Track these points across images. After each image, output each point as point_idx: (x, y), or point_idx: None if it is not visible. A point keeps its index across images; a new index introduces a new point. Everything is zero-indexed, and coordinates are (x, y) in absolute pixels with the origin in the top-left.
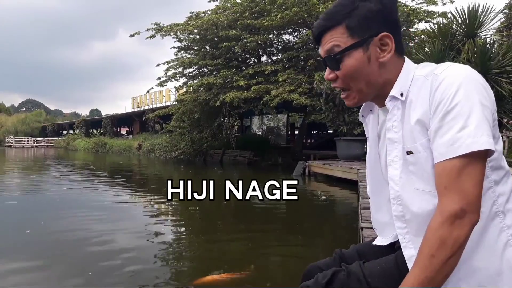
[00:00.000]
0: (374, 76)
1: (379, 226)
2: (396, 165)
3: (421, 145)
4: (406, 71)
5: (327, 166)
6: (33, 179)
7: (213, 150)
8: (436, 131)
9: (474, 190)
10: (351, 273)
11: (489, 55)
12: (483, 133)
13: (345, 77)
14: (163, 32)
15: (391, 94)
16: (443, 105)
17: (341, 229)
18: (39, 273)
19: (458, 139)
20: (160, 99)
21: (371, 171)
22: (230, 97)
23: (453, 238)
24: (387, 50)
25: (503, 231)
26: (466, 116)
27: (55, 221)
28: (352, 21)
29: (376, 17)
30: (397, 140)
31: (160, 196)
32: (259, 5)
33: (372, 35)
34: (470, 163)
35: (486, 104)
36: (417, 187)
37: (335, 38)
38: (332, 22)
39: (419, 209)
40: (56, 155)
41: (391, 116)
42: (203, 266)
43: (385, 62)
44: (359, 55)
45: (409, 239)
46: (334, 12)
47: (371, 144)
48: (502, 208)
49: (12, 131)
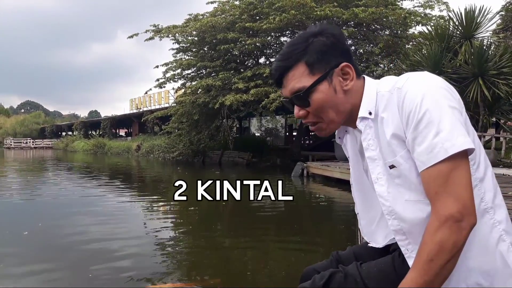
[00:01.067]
0: (342, 104)
1: (370, 236)
2: (382, 181)
3: (402, 157)
4: (368, 90)
5: (325, 167)
6: (32, 181)
7: (212, 151)
8: (413, 141)
9: (466, 192)
10: (348, 275)
11: (486, 56)
12: (458, 134)
13: (316, 111)
14: (161, 34)
15: (360, 115)
16: (412, 115)
17: (339, 230)
18: (34, 275)
19: (435, 145)
20: (159, 101)
21: (357, 188)
22: (229, 100)
23: (451, 242)
24: (349, 79)
25: (494, 227)
26: (437, 122)
27: (53, 222)
28: (310, 57)
29: (331, 50)
30: (377, 157)
31: (157, 197)
32: (257, 8)
33: (333, 67)
34: (454, 166)
35: (453, 105)
36: (407, 198)
37: (297, 77)
38: (290, 62)
39: (414, 219)
40: (55, 156)
41: (365, 136)
42: (200, 267)
43: (349, 89)
44: (325, 88)
45: (412, 249)
46: (290, 51)
47: (353, 163)
48: (491, 204)
49: (11, 132)
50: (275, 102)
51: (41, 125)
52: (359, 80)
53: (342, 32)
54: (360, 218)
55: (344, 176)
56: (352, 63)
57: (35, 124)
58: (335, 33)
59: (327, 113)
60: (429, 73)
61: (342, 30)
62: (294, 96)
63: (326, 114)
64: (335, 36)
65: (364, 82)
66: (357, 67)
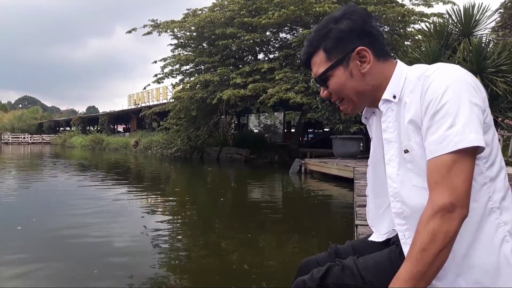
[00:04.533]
0: (361, 86)
1: (375, 222)
2: (393, 163)
3: (416, 143)
4: (398, 73)
5: (323, 164)
6: (28, 175)
7: (210, 148)
8: (427, 129)
9: (463, 185)
10: (345, 267)
11: (484, 54)
12: (471, 130)
13: (335, 92)
14: (160, 29)
15: (384, 97)
16: (432, 104)
17: (336, 227)
18: (25, 271)
19: (446, 137)
20: (157, 96)
21: (373, 171)
22: (227, 95)
23: (443, 231)
24: (366, 61)
25: (499, 227)
26: (454, 115)
27: (48, 218)
28: (328, 44)
29: (348, 36)
30: (393, 140)
31: (152, 192)
32: (256, 3)
33: (348, 52)
34: (459, 160)
35: (475, 102)
36: (414, 184)
37: (318, 62)
38: (312, 48)
39: (417, 205)
40: (52, 152)
41: (386, 118)
42: (199, 263)
43: (368, 72)
44: (341, 72)
45: (408, 236)
46: (312, 38)
47: (375, 145)
48: (498, 205)
49: (9, 127)
50: (273, 98)
51: (39, 120)
52: (384, 62)
53: (367, 13)
54: (369, 201)
55: (342, 173)
56: (374, 45)
57: (33, 119)
58: (355, 18)
59: (346, 94)
60: (460, 67)
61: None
62: (315, 79)
63: (345, 95)
64: (354, 21)
65: (393, 64)
66: (382, 49)
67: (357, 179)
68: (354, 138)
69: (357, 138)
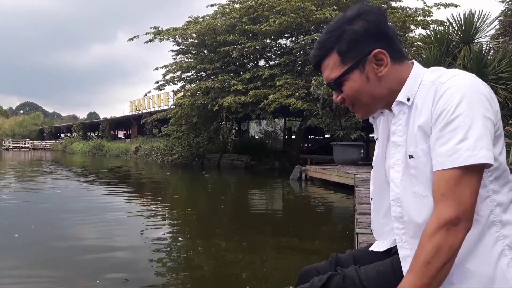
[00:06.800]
0: (377, 90)
1: (378, 229)
2: (398, 168)
3: (422, 150)
4: (414, 76)
5: (323, 171)
6: (26, 182)
7: (211, 154)
8: (436, 140)
9: (470, 200)
10: (347, 277)
11: (484, 61)
12: (482, 146)
13: (349, 98)
14: (161, 36)
15: (398, 99)
16: (444, 115)
17: (336, 234)
18: (22, 279)
19: (457, 151)
20: (158, 103)
21: (375, 172)
22: (228, 102)
23: (448, 245)
24: (383, 65)
25: (499, 240)
26: (466, 129)
27: (47, 225)
28: (342, 46)
29: (364, 38)
30: (401, 144)
31: (153, 199)
32: (257, 11)
33: (365, 55)
34: (467, 174)
35: (488, 117)
36: (416, 190)
37: (331, 66)
38: (324, 51)
39: (417, 212)
40: (52, 158)
41: (396, 120)
42: (198, 270)
43: (385, 75)
44: (356, 77)
45: (405, 240)
46: (324, 40)
47: (380, 146)
48: (500, 218)
49: (10, 133)
50: (274, 104)
51: (40, 126)
52: (400, 64)
53: (382, 13)
54: (372, 204)
55: (342, 180)
56: (390, 47)
57: (34, 125)
58: (370, 19)
59: (361, 99)
60: (476, 77)
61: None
62: (328, 83)
63: (360, 100)
64: (368, 21)
65: (409, 66)
66: (398, 51)
67: (357, 186)
68: (354, 145)
69: (357, 145)
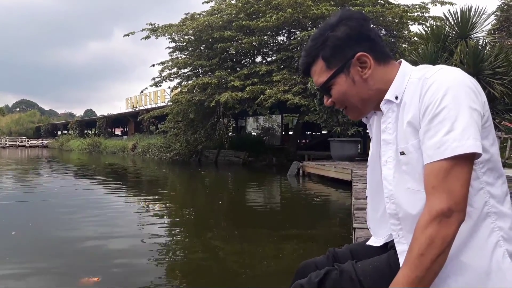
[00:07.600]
0: (365, 92)
1: (374, 225)
2: (390, 165)
3: (412, 146)
4: (402, 74)
5: (321, 167)
6: (25, 180)
7: (208, 151)
8: (425, 133)
9: (461, 190)
10: (344, 272)
11: (481, 56)
12: (469, 136)
13: (338, 101)
14: (158, 33)
15: (386, 98)
16: (431, 108)
17: (334, 229)
18: (18, 277)
19: (444, 143)
20: (155, 100)
21: (371, 171)
22: (224, 98)
23: (441, 237)
24: (367, 67)
25: (493, 231)
26: (453, 120)
27: (44, 222)
28: (326, 52)
29: (346, 42)
30: (391, 141)
31: (151, 196)
32: (254, 6)
33: (348, 59)
34: (457, 165)
35: (474, 108)
36: (409, 186)
37: (318, 72)
38: (310, 58)
39: (411, 207)
40: (49, 155)
41: (386, 119)
42: (196, 266)
43: (370, 77)
44: (343, 80)
45: (402, 235)
46: (310, 47)
47: (374, 145)
48: (495, 210)
49: (6, 131)
50: (271, 99)
51: (37, 124)
52: (385, 65)
53: (363, 17)
54: (368, 202)
55: (340, 176)
56: (374, 49)
57: (30, 123)
58: (352, 24)
59: (350, 102)
60: (461, 70)
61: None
62: (318, 88)
63: (349, 102)
64: (351, 27)
65: (396, 66)
66: (382, 53)
67: (355, 182)
68: (352, 141)
69: (355, 140)
